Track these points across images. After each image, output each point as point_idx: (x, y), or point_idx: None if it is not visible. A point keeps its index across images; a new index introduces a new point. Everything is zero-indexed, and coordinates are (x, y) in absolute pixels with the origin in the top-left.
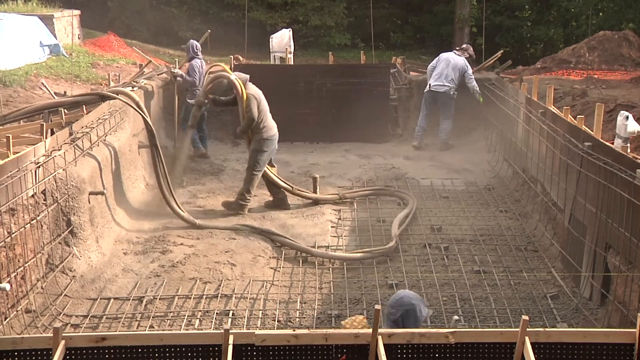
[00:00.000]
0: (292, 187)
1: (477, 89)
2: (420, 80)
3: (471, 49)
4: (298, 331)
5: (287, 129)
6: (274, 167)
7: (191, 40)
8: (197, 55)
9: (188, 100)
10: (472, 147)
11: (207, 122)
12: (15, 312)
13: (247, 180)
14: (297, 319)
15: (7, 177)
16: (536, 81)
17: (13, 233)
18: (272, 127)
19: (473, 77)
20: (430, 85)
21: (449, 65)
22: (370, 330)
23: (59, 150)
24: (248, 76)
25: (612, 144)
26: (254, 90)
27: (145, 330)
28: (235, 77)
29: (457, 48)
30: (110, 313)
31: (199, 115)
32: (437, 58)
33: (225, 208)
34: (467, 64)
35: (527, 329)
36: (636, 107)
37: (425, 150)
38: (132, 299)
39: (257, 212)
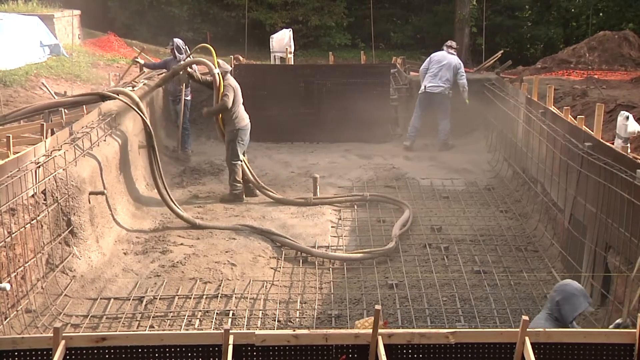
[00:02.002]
0: (259, 183)
1: (467, 87)
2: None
3: (454, 44)
4: (298, 331)
5: (287, 129)
6: (244, 155)
7: (177, 39)
8: (182, 53)
9: (170, 99)
10: (472, 147)
11: (204, 122)
12: (15, 312)
13: (230, 171)
14: (297, 319)
15: (7, 177)
16: (536, 81)
17: (13, 233)
18: (244, 118)
19: (465, 74)
20: (425, 86)
21: (443, 65)
22: (371, 330)
23: (59, 150)
24: (230, 68)
25: (613, 144)
26: (232, 82)
27: (145, 330)
28: (218, 71)
29: (448, 45)
30: (111, 313)
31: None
32: (428, 59)
33: (224, 203)
34: (460, 61)
35: (527, 329)
36: (636, 107)
37: (425, 151)
38: (132, 299)
39: (257, 212)
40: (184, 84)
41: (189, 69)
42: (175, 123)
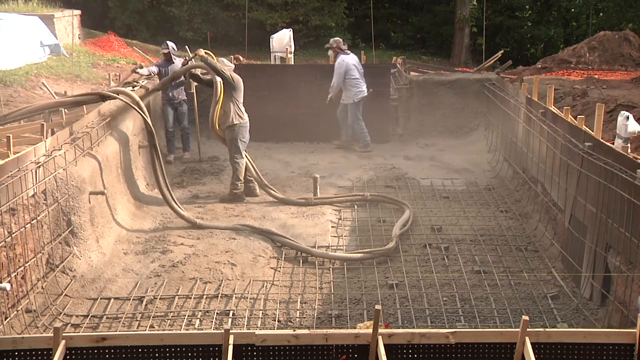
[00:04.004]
0: (262, 181)
1: None
2: (421, 80)
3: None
4: (298, 331)
5: (287, 129)
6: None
7: (170, 42)
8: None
9: (173, 102)
10: (472, 147)
11: (204, 123)
12: (15, 312)
13: (234, 169)
14: (298, 319)
15: (8, 177)
16: (536, 81)
17: (13, 233)
18: (245, 115)
19: None
20: (363, 92)
21: (359, 67)
22: (371, 331)
23: (60, 150)
24: (233, 66)
25: (613, 144)
26: (237, 76)
27: (145, 330)
28: (220, 80)
29: (344, 48)
30: (111, 313)
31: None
32: (344, 67)
33: (225, 203)
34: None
35: (528, 329)
36: (637, 107)
37: (425, 150)
38: (133, 299)
39: (257, 212)
40: (193, 87)
41: (192, 71)
42: (168, 130)
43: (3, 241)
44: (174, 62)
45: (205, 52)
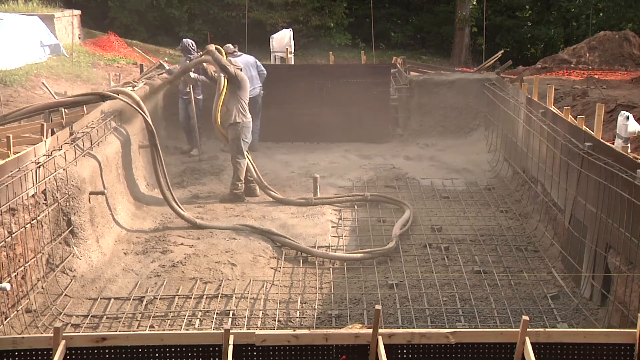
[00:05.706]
0: (262, 182)
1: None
2: (421, 80)
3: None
4: (298, 331)
5: (287, 129)
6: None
7: (186, 40)
8: (192, 53)
9: (183, 97)
10: (472, 147)
11: (205, 122)
12: (15, 312)
13: (235, 169)
14: (298, 319)
15: (8, 177)
16: (537, 81)
17: (13, 233)
18: (248, 114)
19: (262, 66)
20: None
21: (249, 67)
22: (371, 331)
23: (60, 150)
24: (242, 65)
25: (613, 144)
26: (240, 76)
27: (145, 330)
28: (225, 76)
29: (233, 51)
30: (111, 313)
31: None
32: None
33: (225, 203)
34: (252, 56)
35: (528, 329)
36: (637, 107)
37: (425, 150)
38: (133, 299)
39: (257, 212)
40: (191, 85)
41: (203, 65)
42: (182, 124)
43: (3, 241)
44: (188, 60)
45: (216, 47)
